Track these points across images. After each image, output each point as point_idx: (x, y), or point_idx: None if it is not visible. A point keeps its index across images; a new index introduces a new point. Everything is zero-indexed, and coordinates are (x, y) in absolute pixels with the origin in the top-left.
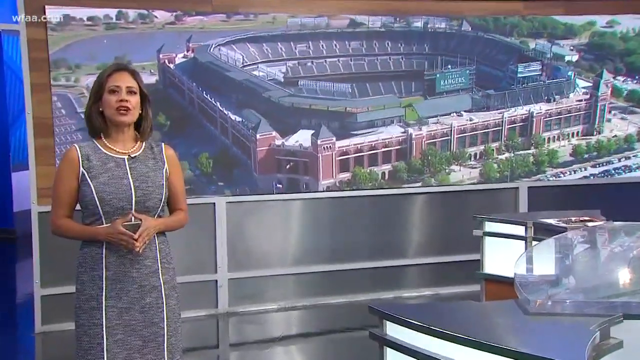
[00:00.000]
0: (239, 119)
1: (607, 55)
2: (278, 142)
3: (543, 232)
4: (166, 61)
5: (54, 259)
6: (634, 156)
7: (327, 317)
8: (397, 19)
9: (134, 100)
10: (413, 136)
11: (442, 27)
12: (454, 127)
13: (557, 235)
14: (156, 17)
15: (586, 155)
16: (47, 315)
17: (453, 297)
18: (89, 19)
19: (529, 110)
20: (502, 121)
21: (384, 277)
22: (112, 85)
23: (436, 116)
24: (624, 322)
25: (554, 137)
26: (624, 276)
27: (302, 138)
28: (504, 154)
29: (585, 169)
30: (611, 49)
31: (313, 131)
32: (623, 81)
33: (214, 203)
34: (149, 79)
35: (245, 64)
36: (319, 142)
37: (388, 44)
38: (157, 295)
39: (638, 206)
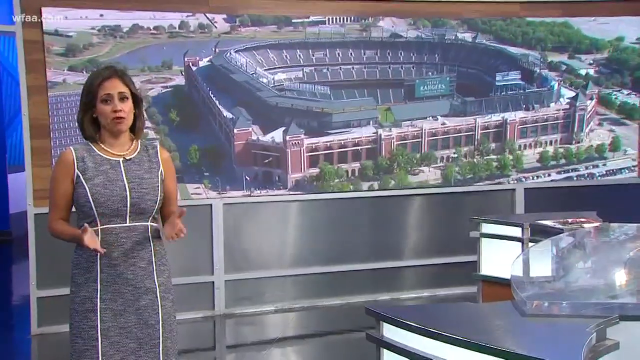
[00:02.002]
0: (230, 115)
1: (621, 69)
2: (254, 137)
3: (540, 233)
4: (190, 64)
5: (50, 261)
6: (602, 165)
7: (324, 319)
8: (422, 29)
9: (127, 107)
10: (382, 137)
11: (454, 39)
12: (425, 129)
13: (553, 237)
14: (215, 27)
15: (553, 162)
16: (43, 317)
17: (450, 299)
18: (155, 28)
19: (503, 117)
20: (475, 126)
21: (381, 278)
22: (104, 94)
23: (412, 119)
24: (620, 324)
25: (530, 144)
26: (620, 277)
27: (277, 134)
28: (475, 157)
29: (549, 175)
30: (625, 63)
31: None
32: (627, 94)
33: (211, 204)
34: (181, 80)
35: (263, 69)
36: (287, 138)
37: (401, 53)
38: (152, 297)
39: (634, 207)
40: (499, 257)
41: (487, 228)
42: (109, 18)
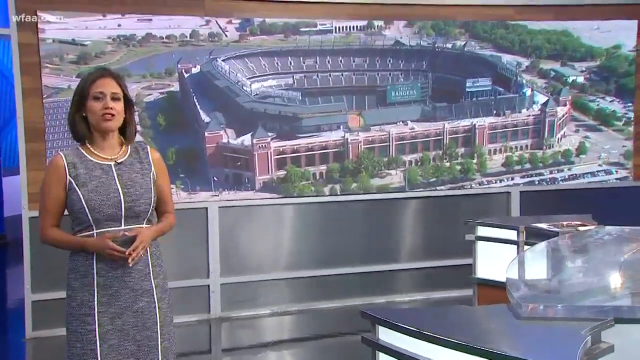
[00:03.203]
0: (208, 119)
1: (610, 76)
2: (225, 140)
3: (535, 236)
4: (183, 71)
5: (45, 264)
6: (568, 169)
7: (320, 322)
8: (427, 37)
9: (119, 107)
10: (349, 140)
11: (445, 47)
12: (392, 134)
13: (548, 240)
14: (225, 36)
15: (518, 167)
16: (38, 321)
17: (445, 302)
18: (167, 37)
19: (472, 123)
20: (444, 131)
21: (377, 281)
22: (96, 92)
23: (383, 124)
24: (615, 326)
25: (499, 149)
26: (615, 280)
27: (246, 138)
28: (442, 161)
29: (513, 179)
30: (615, 70)
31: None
32: (610, 101)
33: (207, 208)
34: (177, 86)
35: (255, 75)
36: (254, 141)
37: (389, 60)
38: (150, 299)
39: (629, 210)
40: (494, 260)
41: (482, 231)
42: (126, 27)
